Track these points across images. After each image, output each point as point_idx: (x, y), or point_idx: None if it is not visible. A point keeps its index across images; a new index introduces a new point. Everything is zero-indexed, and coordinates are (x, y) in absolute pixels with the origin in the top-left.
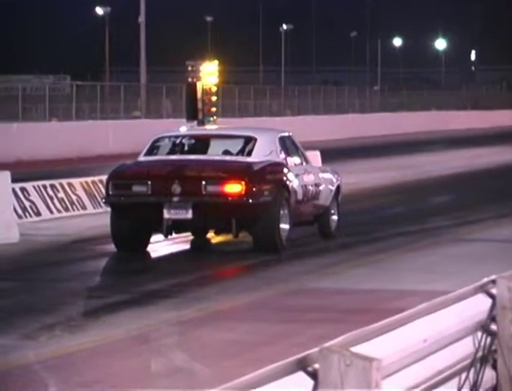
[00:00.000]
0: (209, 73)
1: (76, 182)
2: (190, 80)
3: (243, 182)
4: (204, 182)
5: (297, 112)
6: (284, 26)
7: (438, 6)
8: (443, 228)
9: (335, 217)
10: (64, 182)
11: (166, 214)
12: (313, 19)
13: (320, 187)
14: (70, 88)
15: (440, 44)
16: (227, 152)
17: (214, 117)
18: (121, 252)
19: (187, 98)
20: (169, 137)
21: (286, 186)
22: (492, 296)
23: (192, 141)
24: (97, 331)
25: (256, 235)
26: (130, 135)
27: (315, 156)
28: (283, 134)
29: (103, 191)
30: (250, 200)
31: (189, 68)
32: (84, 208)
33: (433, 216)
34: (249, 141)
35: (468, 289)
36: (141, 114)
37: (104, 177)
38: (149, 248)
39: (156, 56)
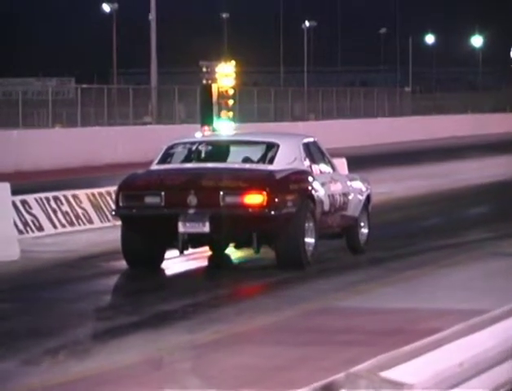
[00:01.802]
0: (225, 75)
1: (81, 193)
2: (204, 82)
3: (264, 193)
4: (222, 193)
5: (321, 116)
6: (307, 23)
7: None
8: (481, 242)
9: (365, 230)
10: (69, 194)
11: (181, 228)
12: (338, 14)
13: (349, 197)
14: (75, 91)
15: (477, 41)
16: (246, 160)
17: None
18: (132, 269)
19: (202, 102)
20: (185, 143)
21: (311, 197)
22: None
23: (209, 148)
24: (105, 356)
25: (279, 250)
26: (140, 142)
27: (341, 164)
28: (307, 140)
29: (112, 203)
30: (272, 212)
31: (203, 69)
32: (90, 222)
33: (470, 228)
34: (271, 147)
35: (508, 308)
36: (152, 119)
37: (113, 189)
38: (163, 265)
39: (167, 56)
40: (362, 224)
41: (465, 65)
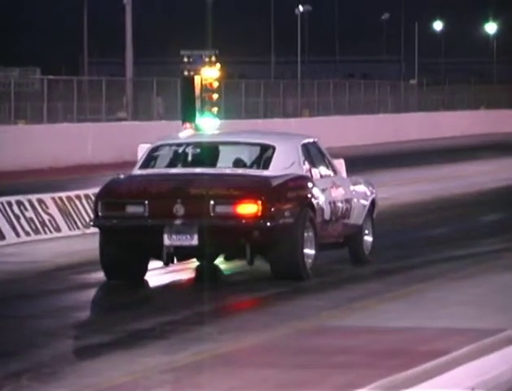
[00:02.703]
0: (209, 65)
1: (48, 198)
2: (186, 73)
3: (259, 202)
4: (212, 202)
5: (316, 113)
6: (301, 8)
7: None
8: (495, 253)
9: (369, 239)
10: (34, 198)
11: (167, 240)
12: None
13: (352, 203)
14: (41, 83)
15: (491, 28)
16: (239, 164)
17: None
18: (106, 283)
19: (183, 96)
20: (170, 145)
21: (311, 205)
22: None
23: (198, 150)
24: (74, 380)
25: (275, 263)
26: (114, 141)
27: (339, 165)
28: (306, 141)
29: (82, 208)
30: (268, 223)
31: (185, 59)
32: (58, 229)
33: (482, 238)
34: (267, 150)
35: None
36: (127, 115)
37: (83, 193)
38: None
39: (145, 45)
40: (366, 232)
41: (477, 55)
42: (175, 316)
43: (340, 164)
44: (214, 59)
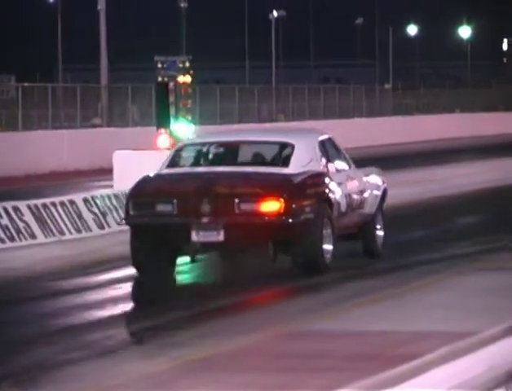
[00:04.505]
0: (183, 71)
1: (23, 205)
2: (160, 79)
3: (281, 200)
4: (237, 200)
5: (291, 117)
6: (275, 13)
7: None
8: (470, 256)
9: (381, 233)
10: (9, 205)
11: (195, 237)
12: (310, 3)
13: (365, 194)
14: (15, 91)
15: (465, 32)
16: (260, 162)
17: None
18: (142, 277)
19: (158, 102)
20: (194, 145)
21: (329, 201)
22: None
23: (221, 149)
24: (52, 387)
25: (297, 258)
26: (89, 148)
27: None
28: (322, 137)
29: (58, 215)
30: (290, 220)
31: (159, 65)
32: (33, 237)
33: (457, 241)
34: (286, 148)
35: (497, 331)
36: (102, 122)
37: (58, 200)
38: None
39: (119, 51)
40: (378, 226)
41: (452, 59)
42: (155, 321)
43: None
44: (188, 64)
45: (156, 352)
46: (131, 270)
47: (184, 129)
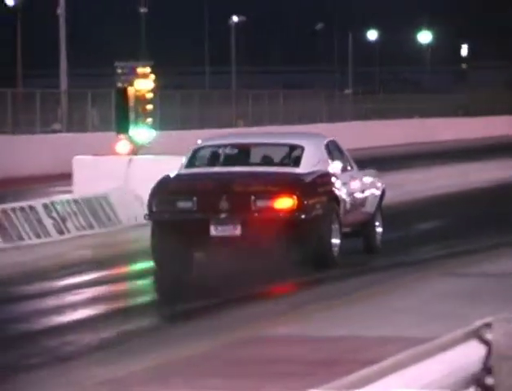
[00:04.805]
0: (143, 76)
1: None
2: (120, 85)
3: (294, 197)
4: (253, 197)
5: (251, 123)
6: (235, 18)
7: None
8: (429, 261)
9: (380, 229)
10: None
11: (213, 231)
12: (270, 9)
13: (366, 194)
14: None
15: (424, 37)
16: (273, 162)
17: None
18: (162, 273)
19: (117, 108)
20: (211, 146)
21: (336, 198)
22: (486, 343)
23: (235, 150)
24: None
25: (308, 252)
26: (49, 153)
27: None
28: (328, 140)
29: (17, 221)
30: (303, 216)
31: (119, 71)
32: None
33: (417, 246)
34: (296, 149)
35: (458, 334)
36: (61, 127)
37: (18, 205)
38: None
39: (79, 56)
40: (377, 224)
41: (411, 64)
42: (114, 329)
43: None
44: (148, 70)
45: (116, 358)
46: (90, 275)
47: (144, 134)
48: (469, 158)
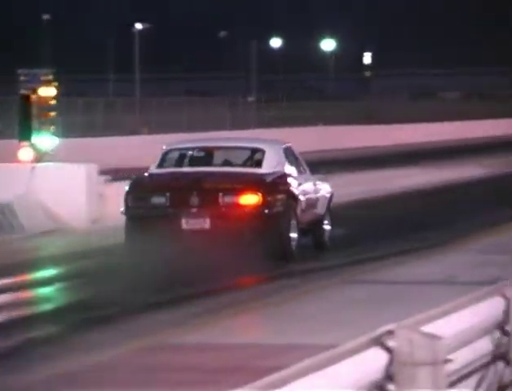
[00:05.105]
0: (46, 83)
1: None
2: (23, 92)
3: (259, 194)
4: (221, 194)
5: (155, 130)
6: (138, 25)
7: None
8: (334, 268)
9: (328, 227)
10: None
11: (185, 225)
12: (174, 16)
13: (318, 195)
14: None
15: (328, 45)
16: (238, 163)
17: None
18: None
19: (20, 115)
20: (179, 149)
21: (294, 197)
22: (389, 350)
23: (202, 153)
24: None
25: (268, 245)
26: None
27: None
28: (286, 146)
29: None
30: (266, 211)
31: (22, 78)
32: None
33: (321, 253)
34: (258, 152)
35: (360, 342)
36: None
37: None
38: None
39: None
40: (326, 222)
41: (315, 72)
42: (20, 336)
43: None
44: (50, 77)
45: (23, 365)
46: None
47: (47, 141)
48: (376, 165)
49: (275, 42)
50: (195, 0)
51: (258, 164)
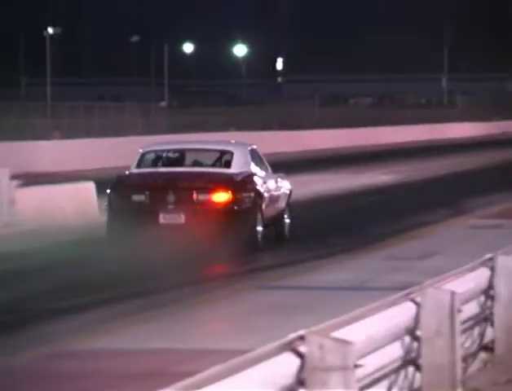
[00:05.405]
0: None
1: None
2: None
3: (229, 192)
4: (195, 192)
5: (67, 135)
6: (50, 29)
7: (236, 6)
8: (248, 273)
9: (288, 221)
10: None
11: (162, 219)
12: (86, 20)
13: (279, 192)
14: None
15: (240, 50)
16: (209, 164)
17: None
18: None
19: None
20: (155, 151)
21: (260, 194)
22: (300, 356)
23: (177, 154)
24: None
25: (238, 237)
26: None
27: (89, 189)
28: (251, 147)
29: None
30: (235, 207)
31: None
32: None
33: (232, 258)
34: (227, 154)
35: (272, 347)
36: None
37: None
38: None
39: None
40: (285, 216)
41: (228, 77)
42: None
43: (90, 187)
44: None
45: None
46: None
47: None
48: (288, 171)
49: (188, 47)
50: (107, 4)
51: (228, 164)
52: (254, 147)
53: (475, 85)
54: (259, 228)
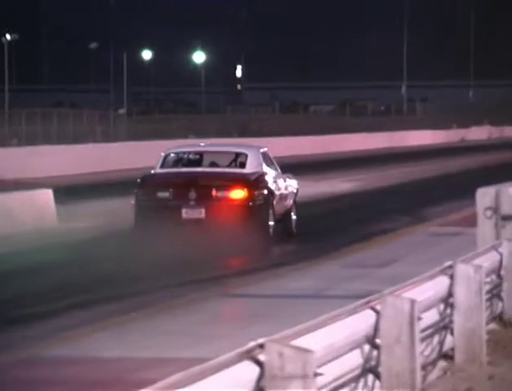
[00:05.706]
0: None
1: None
2: None
3: (245, 189)
4: (214, 189)
5: (24, 142)
6: (8, 36)
7: (196, 11)
8: (210, 281)
9: (295, 217)
10: None
11: (184, 215)
12: (44, 27)
13: (288, 191)
14: None
15: (199, 57)
16: (225, 165)
17: None
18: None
19: None
20: (177, 153)
21: (271, 192)
22: (259, 364)
23: (197, 156)
24: None
25: (252, 231)
26: None
27: (46, 196)
28: (263, 150)
29: None
30: (250, 203)
31: None
32: None
33: (199, 266)
34: (242, 156)
35: (230, 356)
36: None
37: None
38: None
39: None
40: (293, 212)
41: (186, 85)
42: None
43: (47, 194)
44: None
45: None
46: None
47: None
48: None
49: (146, 54)
50: (65, 11)
51: (242, 165)
52: (266, 149)
53: (435, 93)
54: (271, 223)
